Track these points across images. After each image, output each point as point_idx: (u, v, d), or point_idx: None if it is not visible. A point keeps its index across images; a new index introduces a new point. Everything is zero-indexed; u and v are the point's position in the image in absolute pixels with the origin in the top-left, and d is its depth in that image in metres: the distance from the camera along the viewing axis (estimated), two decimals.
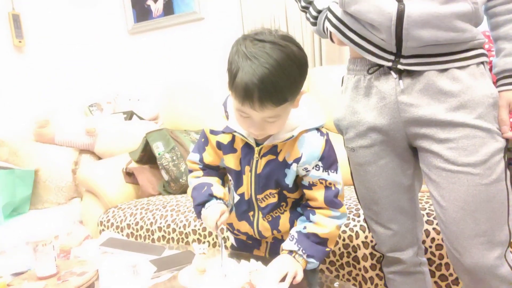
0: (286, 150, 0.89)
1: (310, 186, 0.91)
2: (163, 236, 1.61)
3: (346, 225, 1.32)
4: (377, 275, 1.26)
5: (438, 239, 1.18)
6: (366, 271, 1.27)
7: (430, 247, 1.19)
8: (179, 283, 0.89)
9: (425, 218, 1.25)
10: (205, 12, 2.62)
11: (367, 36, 0.88)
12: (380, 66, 0.89)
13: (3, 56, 2.33)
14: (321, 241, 0.89)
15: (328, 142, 0.89)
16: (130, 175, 2.01)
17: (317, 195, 0.90)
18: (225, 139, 0.93)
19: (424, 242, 1.20)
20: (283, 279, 0.81)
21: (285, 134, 0.86)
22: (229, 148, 0.93)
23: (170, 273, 0.95)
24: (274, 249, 1.00)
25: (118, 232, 1.70)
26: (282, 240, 0.96)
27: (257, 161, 0.90)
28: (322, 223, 0.89)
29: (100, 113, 2.77)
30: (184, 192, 1.91)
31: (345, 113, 0.98)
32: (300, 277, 0.83)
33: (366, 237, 1.27)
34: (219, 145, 0.95)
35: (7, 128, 2.31)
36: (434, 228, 1.21)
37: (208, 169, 1.01)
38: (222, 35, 2.56)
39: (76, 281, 0.89)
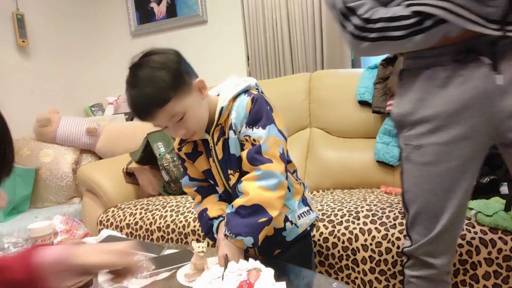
0: (226, 125, 0.93)
1: (242, 147, 0.92)
2: (162, 236, 1.61)
3: (346, 228, 1.32)
4: (376, 278, 1.25)
5: None
6: (365, 274, 1.27)
7: None
8: (177, 282, 0.89)
9: None
10: (208, 15, 2.63)
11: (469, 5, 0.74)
12: (471, 52, 0.79)
13: (7, 56, 2.35)
14: (251, 211, 0.84)
15: (255, 100, 0.90)
16: (130, 175, 2.01)
17: (244, 153, 0.89)
18: (189, 148, 1.00)
19: None
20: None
21: (219, 110, 0.91)
22: (195, 153, 0.99)
23: (169, 272, 0.95)
24: (264, 248, 0.97)
25: (117, 231, 1.70)
26: (267, 236, 0.92)
27: (214, 148, 0.94)
28: (244, 189, 0.87)
29: (102, 114, 2.78)
30: (184, 193, 1.91)
31: (414, 107, 0.87)
32: (230, 258, 0.83)
33: (365, 240, 1.27)
34: (188, 156, 1.01)
35: (9, 127, 2.31)
36: None
37: (203, 187, 1.04)
38: (225, 38, 2.57)
39: None
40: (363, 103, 1.91)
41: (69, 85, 2.74)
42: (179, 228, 1.58)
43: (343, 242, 1.30)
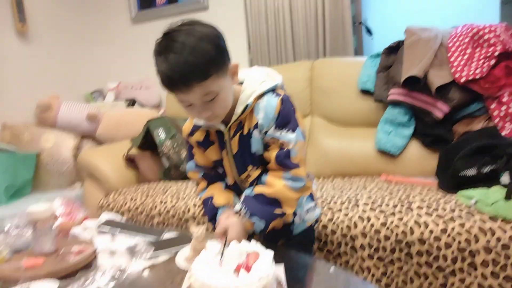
0: (248, 121, 0.91)
1: (267, 147, 0.92)
2: (162, 221, 1.62)
3: (345, 215, 1.32)
4: (374, 265, 1.26)
5: (436, 231, 1.18)
6: (364, 261, 1.27)
7: (428, 238, 1.19)
8: (176, 264, 0.90)
9: (424, 210, 1.25)
10: (210, 1, 2.60)
11: None
12: None
13: (6, 40, 2.33)
14: (269, 201, 0.88)
15: (284, 102, 0.88)
16: (131, 161, 2.02)
17: (271, 155, 0.90)
18: (200, 136, 0.97)
19: (422, 233, 1.20)
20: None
21: (242, 106, 0.88)
22: (207, 142, 0.96)
23: (168, 255, 0.96)
24: (269, 237, 1.00)
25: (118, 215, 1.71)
26: (274, 229, 0.96)
27: (229, 142, 0.93)
28: (270, 182, 0.89)
29: (102, 100, 2.77)
30: (185, 178, 1.91)
31: None
32: (231, 234, 0.85)
33: (364, 227, 1.27)
34: (199, 144, 0.98)
35: (9, 112, 2.31)
36: (433, 220, 1.21)
37: (209, 174, 1.03)
38: (226, 24, 2.53)
39: (74, 259, 0.90)
40: (365, 92, 1.90)
41: (70, 71, 2.72)
42: (179, 214, 1.58)
43: (342, 229, 1.30)
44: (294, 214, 1.00)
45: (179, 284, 0.78)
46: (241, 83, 0.92)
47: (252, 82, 0.90)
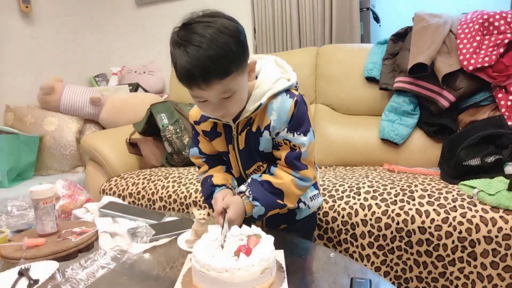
0: (259, 119, 0.89)
1: (278, 147, 0.92)
2: (164, 206, 1.62)
3: (346, 203, 1.32)
4: (374, 253, 1.26)
5: (437, 220, 1.18)
6: (363, 249, 1.28)
7: (429, 227, 1.19)
8: (177, 247, 0.90)
9: (426, 199, 1.25)
10: None
11: None
12: None
13: (10, 22, 2.31)
14: (274, 191, 0.89)
15: (298, 103, 0.86)
16: (133, 146, 2.02)
17: (281, 153, 0.90)
18: (208, 125, 0.95)
19: (423, 222, 1.20)
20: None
21: (254, 104, 0.86)
22: (214, 133, 0.95)
23: (169, 238, 0.96)
24: (271, 221, 1.01)
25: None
26: (278, 214, 0.97)
27: (237, 137, 0.92)
28: (278, 174, 0.91)
29: (106, 84, 2.76)
30: (187, 164, 1.92)
31: None
32: (231, 212, 0.85)
33: (365, 215, 1.27)
34: (205, 133, 0.97)
35: (13, 94, 2.31)
36: (434, 209, 1.20)
37: (212, 159, 1.03)
38: (232, 9, 2.50)
39: (75, 240, 0.91)
40: (370, 79, 1.87)
41: (73, 54, 2.71)
42: (180, 199, 1.59)
43: (342, 217, 1.30)
44: (299, 201, 1.01)
45: (179, 266, 0.79)
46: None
47: (267, 79, 0.86)
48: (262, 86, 0.86)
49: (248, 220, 1.04)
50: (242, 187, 0.91)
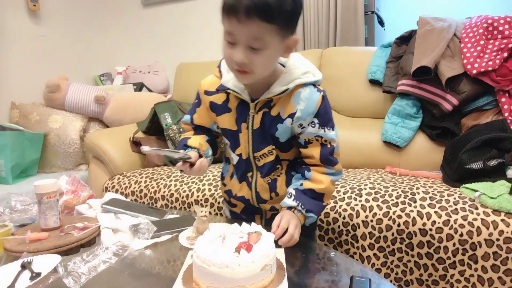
0: (281, 105, 0.88)
1: (306, 144, 0.91)
2: (166, 204, 1.63)
3: (348, 204, 1.32)
4: (374, 254, 1.26)
5: (438, 222, 1.18)
6: (364, 250, 1.28)
7: (431, 229, 1.19)
8: (179, 244, 0.91)
9: (427, 201, 1.25)
10: None
11: None
12: None
13: (17, 20, 2.34)
14: (318, 196, 0.91)
15: (325, 99, 0.89)
16: (137, 144, 2.03)
17: (314, 152, 0.91)
18: (219, 98, 0.93)
19: (424, 224, 1.20)
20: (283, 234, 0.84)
21: (281, 87, 0.85)
22: (223, 108, 0.93)
23: (170, 235, 0.97)
24: (271, 223, 1.01)
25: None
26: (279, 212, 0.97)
27: (253, 116, 0.90)
28: (318, 178, 0.91)
29: (111, 83, 2.78)
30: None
31: None
32: (295, 240, 0.85)
33: (366, 216, 1.27)
34: (213, 106, 0.95)
35: (18, 91, 2.33)
36: (435, 212, 1.20)
37: (200, 130, 1.01)
38: None
39: (78, 234, 0.91)
40: (374, 82, 1.88)
41: (79, 52, 2.73)
42: (182, 198, 1.60)
43: (343, 218, 1.30)
44: None
45: (180, 263, 0.79)
46: (283, 66, 0.89)
47: (299, 67, 0.87)
48: (292, 72, 0.86)
49: (247, 218, 1.04)
50: (291, 202, 0.90)
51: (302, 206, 0.89)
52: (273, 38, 0.76)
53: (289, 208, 0.90)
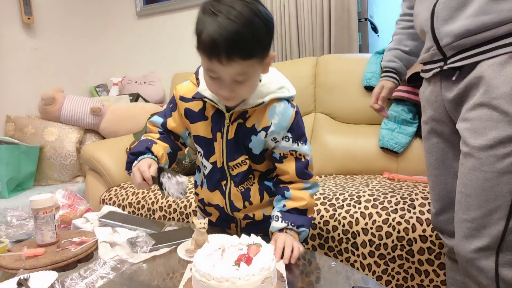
0: (256, 117, 0.89)
1: (281, 159, 0.93)
2: (164, 215, 1.62)
3: (347, 211, 1.31)
4: (375, 262, 1.26)
5: None
6: (365, 258, 1.27)
7: (431, 236, 1.19)
8: (177, 257, 0.89)
9: (427, 207, 1.25)
10: None
11: None
12: None
13: (12, 33, 2.34)
14: (302, 212, 0.93)
15: (298, 114, 0.91)
16: None
17: (288, 168, 0.92)
18: (196, 106, 0.93)
19: (424, 231, 1.20)
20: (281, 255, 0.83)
21: (256, 100, 0.86)
22: (200, 115, 0.93)
23: (169, 247, 0.95)
24: (248, 231, 1.00)
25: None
26: (254, 220, 0.99)
27: (228, 126, 0.91)
28: (298, 196, 0.92)
29: (106, 94, 2.78)
30: (187, 174, 1.91)
31: None
32: (301, 248, 0.86)
33: (366, 224, 1.27)
34: (188, 112, 0.94)
35: (13, 104, 2.32)
36: None
37: (167, 135, 0.99)
38: None
39: (75, 250, 0.90)
40: (369, 89, 1.88)
41: (74, 64, 2.73)
42: (180, 208, 1.58)
43: (343, 226, 1.30)
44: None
45: (179, 276, 0.78)
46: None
47: (272, 83, 0.89)
48: (268, 86, 0.88)
49: (223, 227, 1.03)
50: (280, 224, 0.90)
51: (292, 224, 0.90)
52: (255, 67, 0.79)
53: (280, 230, 0.90)
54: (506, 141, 0.77)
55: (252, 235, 0.77)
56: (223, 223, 1.04)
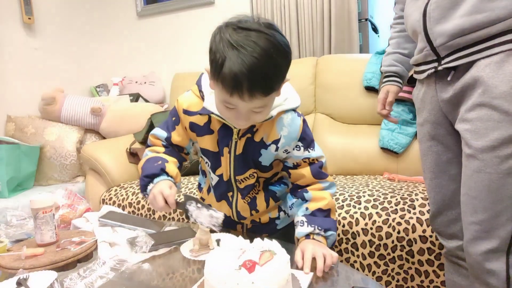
0: (264, 131, 0.89)
1: (296, 166, 0.93)
2: (164, 215, 1.62)
3: (347, 212, 1.31)
4: (375, 262, 1.26)
5: None
6: (365, 258, 1.27)
7: (431, 236, 1.18)
8: (177, 257, 0.89)
9: (427, 208, 1.24)
10: None
11: None
12: None
13: (12, 33, 2.34)
14: (327, 213, 0.90)
15: (305, 122, 0.92)
16: (134, 155, 2.02)
17: (304, 172, 0.92)
18: (201, 120, 0.92)
19: (424, 231, 1.20)
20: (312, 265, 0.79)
21: None
22: (205, 129, 0.92)
23: (168, 247, 0.95)
24: (253, 231, 1.02)
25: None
26: (260, 223, 0.99)
27: (236, 142, 0.90)
28: (319, 196, 0.91)
29: (107, 94, 2.78)
30: (187, 174, 1.92)
31: None
32: (334, 255, 0.82)
33: (366, 224, 1.27)
34: (193, 126, 0.93)
35: (14, 104, 2.32)
36: None
37: (171, 149, 0.98)
38: None
39: (74, 249, 0.90)
40: (369, 89, 1.89)
41: (75, 64, 2.73)
42: None
43: (343, 226, 1.29)
44: (280, 210, 1.02)
45: (178, 276, 0.78)
46: None
47: (278, 95, 0.87)
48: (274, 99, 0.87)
49: (228, 227, 1.02)
50: (307, 229, 0.87)
51: (319, 228, 0.86)
52: (273, 98, 0.80)
53: (307, 236, 0.87)
54: (509, 141, 0.77)
55: (266, 240, 0.71)
56: (229, 225, 1.04)
